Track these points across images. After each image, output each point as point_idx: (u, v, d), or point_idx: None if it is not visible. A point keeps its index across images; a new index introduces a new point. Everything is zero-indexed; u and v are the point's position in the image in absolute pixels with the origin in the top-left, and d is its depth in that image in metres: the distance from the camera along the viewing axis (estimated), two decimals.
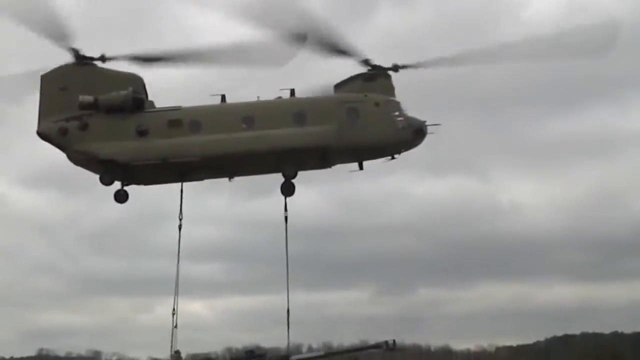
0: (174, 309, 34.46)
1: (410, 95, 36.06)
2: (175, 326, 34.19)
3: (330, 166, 35.17)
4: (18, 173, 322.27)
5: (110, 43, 34.92)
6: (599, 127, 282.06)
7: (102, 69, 34.46)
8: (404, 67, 34.89)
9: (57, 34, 33.18)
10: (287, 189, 34.48)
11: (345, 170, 35.55)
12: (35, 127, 34.25)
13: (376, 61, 35.05)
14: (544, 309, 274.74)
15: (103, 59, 34.37)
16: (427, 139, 34.15)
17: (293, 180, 34.51)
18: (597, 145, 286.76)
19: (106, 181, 34.12)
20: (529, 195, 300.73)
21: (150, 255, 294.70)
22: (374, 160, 35.56)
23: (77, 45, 34.12)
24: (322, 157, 34.17)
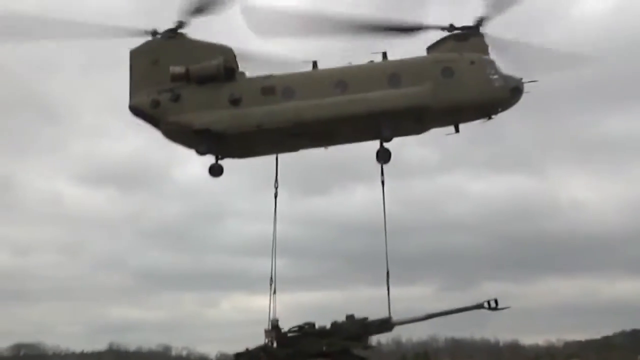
0: (271, 278, 34.20)
1: None
2: (274, 292, 33.73)
3: (425, 130, 34.36)
4: (73, 171, 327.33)
5: None
6: None
7: (192, 40, 34.29)
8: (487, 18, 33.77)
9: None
10: (383, 155, 33.80)
11: (402, 166, 34.64)
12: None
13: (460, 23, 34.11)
14: (610, 304, 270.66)
15: (180, 24, 34.06)
16: (484, 137, 33.40)
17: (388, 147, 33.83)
18: None
19: (201, 152, 33.76)
20: (588, 192, 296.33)
21: (211, 251, 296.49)
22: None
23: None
24: (418, 119, 33.33)
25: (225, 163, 34.40)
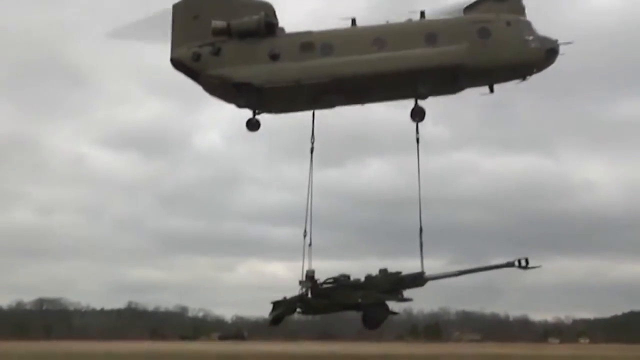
0: (305, 230, 34.84)
1: None
2: (310, 244, 34.38)
3: (460, 90, 34.80)
4: (97, 135, 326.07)
5: None
6: None
7: None
8: None
9: None
10: (418, 113, 34.40)
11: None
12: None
13: None
14: (619, 285, 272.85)
15: None
16: (499, 117, 33.71)
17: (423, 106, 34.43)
18: None
19: (240, 105, 34.66)
20: (599, 174, 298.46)
21: (228, 217, 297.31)
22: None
23: None
24: (454, 78, 33.79)
25: (242, 133, 34.81)
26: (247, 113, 34.99)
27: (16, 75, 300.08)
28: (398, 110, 36.25)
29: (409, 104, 34.44)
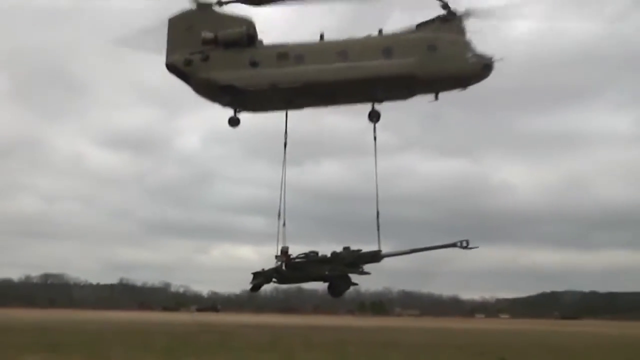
0: (279, 212, 34.44)
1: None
2: (284, 224, 34.15)
3: (411, 96, 34.89)
4: (93, 136, 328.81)
5: None
6: (572, 126, 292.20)
7: (220, 12, 34.59)
8: (474, 14, 34.23)
9: None
10: (375, 115, 34.50)
11: (365, 147, 34.95)
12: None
13: (453, 6, 34.53)
14: (533, 269, 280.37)
15: (220, 3, 34.36)
16: (436, 127, 34.03)
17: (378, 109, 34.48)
18: (570, 139, 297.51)
19: (224, 104, 34.67)
20: (516, 177, 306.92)
21: (203, 207, 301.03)
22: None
23: None
24: (406, 86, 33.95)
25: (217, 137, 34.72)
26: (225, 115, 34.87)
27: (26, 84, 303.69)
28: (349, 119, 36.37)
29: (360, 114, 34.58)
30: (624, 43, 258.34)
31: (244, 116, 35.12)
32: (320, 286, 35.01)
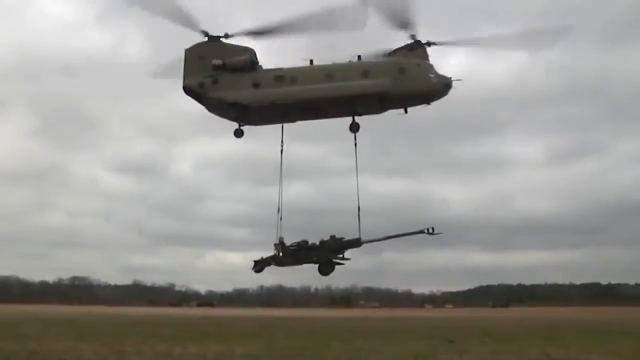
0: (278, 209, 33.72)
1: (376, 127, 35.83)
2: (281, 219, 33.48)
3: (384, 110, 34.63)
4: (106, 163, 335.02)
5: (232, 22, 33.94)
6: (494, 152, 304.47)
7: (227, 43, 34.22)
8: (435, 44, 34.28)
9: (189, 22, 32.69)
10: (355, 127, 34.24)
11: (328, 169, 34.41)
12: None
13: (418, 37, 34.24)
14: (470, 267, 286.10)
15: (227, 36, 34.07)
16: (381, 153, 33.77)
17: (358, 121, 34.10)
18: (493, 163, 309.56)
19: (231, 118, 34.18)
20: (453, 193, 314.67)
21: (197, 221, 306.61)
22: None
23: (207, 29, 33.75)
24: (380, 101, 33.72)
25: (205, 163, 34.14)
26: (214, 142, 34.38)
27: (51, 122, 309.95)
28: (311, 147, 35.66)
29: (321, 143, 34.10)
30: (527, 86, 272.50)
31: (227, 146, 34.58)
32: (298, 284, 34.66)
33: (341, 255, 33.91)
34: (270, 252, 33.71)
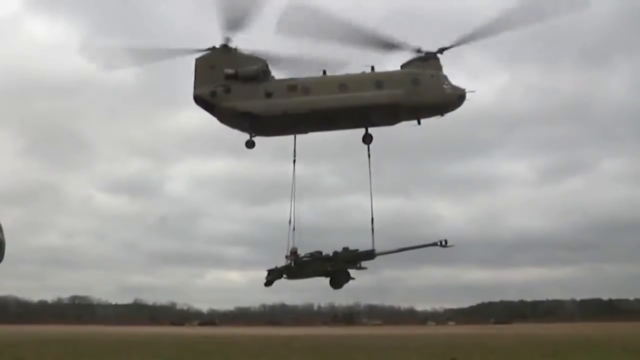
0: (290, 219, 32.71)
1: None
2: (294, 229, 32.67)
3: (398, 122, 34.02)
4: (100, 183, 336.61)
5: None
6: (485, 170, 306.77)
7: (238, 52, 33.46)
8: (447, 48, 33.81)
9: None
10: (368, 138, 33.59)
11: (321, 188, 33.77)
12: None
13: (425, 48, 33.77)
14: (471, 285, 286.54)
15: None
16: (374, 173, 33.28)
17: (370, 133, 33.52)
18: (485, 181, 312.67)
19: (243, 129, 33.26)
20: (446, 211, 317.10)
21: (192, 240, 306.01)
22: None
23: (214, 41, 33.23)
24: (394, 113, 33.10)
25: (198, 182, 33.34)
26: (201, 162, 33.67)
27: (44, 143, 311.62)
28: (302, 167, 34.80)
29: (310, 164, 33.42)
30: (510, 107, 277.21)
31: (218, 166, 33.91)
32: (301, 301, 33.70)
33: (358, 265, 33.11)
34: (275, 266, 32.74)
